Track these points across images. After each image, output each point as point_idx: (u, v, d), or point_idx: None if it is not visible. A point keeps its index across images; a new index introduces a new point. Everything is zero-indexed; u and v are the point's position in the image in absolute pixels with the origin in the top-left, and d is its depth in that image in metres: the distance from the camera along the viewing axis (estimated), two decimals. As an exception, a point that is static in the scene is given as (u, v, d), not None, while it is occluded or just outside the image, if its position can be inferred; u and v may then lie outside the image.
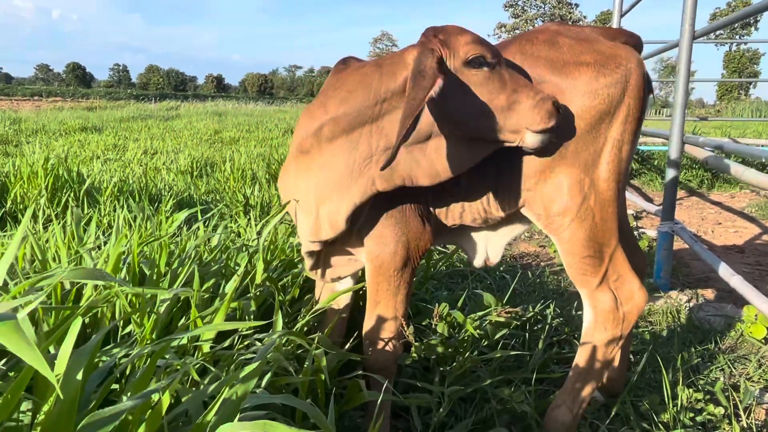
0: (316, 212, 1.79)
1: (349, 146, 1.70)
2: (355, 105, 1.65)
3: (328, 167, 1.73)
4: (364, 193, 1.71)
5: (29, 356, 0.76)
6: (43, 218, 3.83)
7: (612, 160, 1.76)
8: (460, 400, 2.10)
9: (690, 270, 4.38)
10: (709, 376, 2.57)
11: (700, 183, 8.65)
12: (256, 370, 1.10)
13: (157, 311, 1.63)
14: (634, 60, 1.75)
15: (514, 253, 4.82)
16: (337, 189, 1.73)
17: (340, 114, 1.68)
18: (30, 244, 2.17)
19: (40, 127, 15.25)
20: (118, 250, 1.85)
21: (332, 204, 1.75)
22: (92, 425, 0.83)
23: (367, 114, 1.65)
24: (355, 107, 1.65)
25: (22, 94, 60.34)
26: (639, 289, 1.89)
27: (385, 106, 1.63)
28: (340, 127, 1.69)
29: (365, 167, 1.69)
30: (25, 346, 0.77)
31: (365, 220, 1.85)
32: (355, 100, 1.65)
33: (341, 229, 1.77)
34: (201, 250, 2.42)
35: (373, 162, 1.69)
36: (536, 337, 2.57)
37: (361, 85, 1.66)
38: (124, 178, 5.73)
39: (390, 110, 1.64)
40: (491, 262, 2.10)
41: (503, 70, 1.61)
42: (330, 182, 1.74)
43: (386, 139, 1.66)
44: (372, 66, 1.69)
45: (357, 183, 1.71)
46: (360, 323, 2.05)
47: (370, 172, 1.69)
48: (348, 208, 1.73)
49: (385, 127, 1.65)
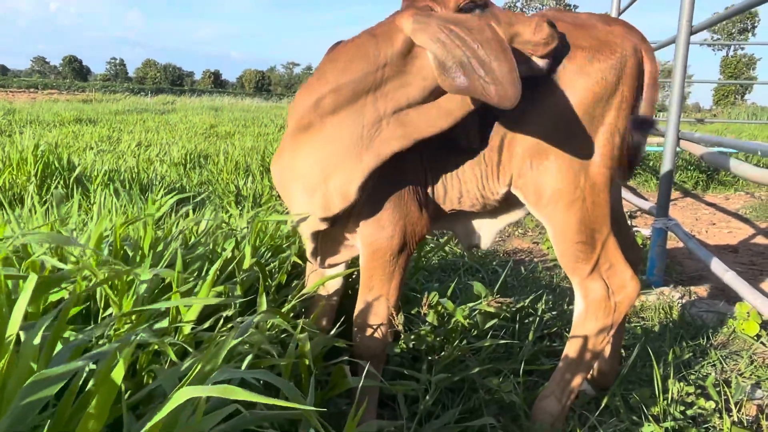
0: (325, 186, 1.75)
1: (355, 115, 1.67)
2: (355, 74, 1.63)
3: (334, 139, 1.70)
4: (378, 156, 1.68)
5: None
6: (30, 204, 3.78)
7: (605, 145, 1.74)
8: (447, 389, 2.07)
9: (683, 268, 4.36)
10: (701, 372, 2.55)
11: (695, 184, 8.66)
12: (228, 346, 1.06)
13: (137, 292, 1.59)
14: (630, 47, 1.74)
15: (508, 249, 4.79)
16: (346, 159, 1.70)
17: (341, 84, 1.66)
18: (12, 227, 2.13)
19: (35, 118, 15.15)
20: (100, 229, 1.80)
21: (342, 175, 1.71)
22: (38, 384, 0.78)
23: (369, 81, 1.63)
24: (357, 76, 1.63)
25: (18, 86, 60.01)
26: (631, 279, 1.87)
27: (387, 71, 1.63)
28: (343, 98, 1.66)
29: (375, 133, 1.67)
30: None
31: (363, 204, 1.81)
32: (355, 68, 1.64)
33: (353, 199, 1.73)
34: (187, 234, 2.38)
35: (383, 126, 1.66)
36: (527, 329, 2.54)
37: (359, 54, 1.64)
38: (116, 167, 5.68)
39: (392, 75, 1.63)
40: (482, 246, 2.08)
41: (494, 8, 1.63)
42: (338, 154, 1.70)
43: (394, 102, 1.65)
44: (365, 35, 1.67)
45: (368, 149, 1.68)
46: (349, 310, 2.01)
47: (382, 135, 1.67)
48: (362, 176, 1.70)
49: (390, 91, 1.64)
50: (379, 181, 1.78)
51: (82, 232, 2.10)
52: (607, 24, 1.77)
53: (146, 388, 1.12)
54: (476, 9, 1.59)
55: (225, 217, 3.48)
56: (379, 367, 1.91)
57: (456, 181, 1.88)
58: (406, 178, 1.83)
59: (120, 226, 1.80)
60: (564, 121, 1.71)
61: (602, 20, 1.79)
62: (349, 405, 1.94)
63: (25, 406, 0.76)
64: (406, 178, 1.83)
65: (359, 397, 1.80)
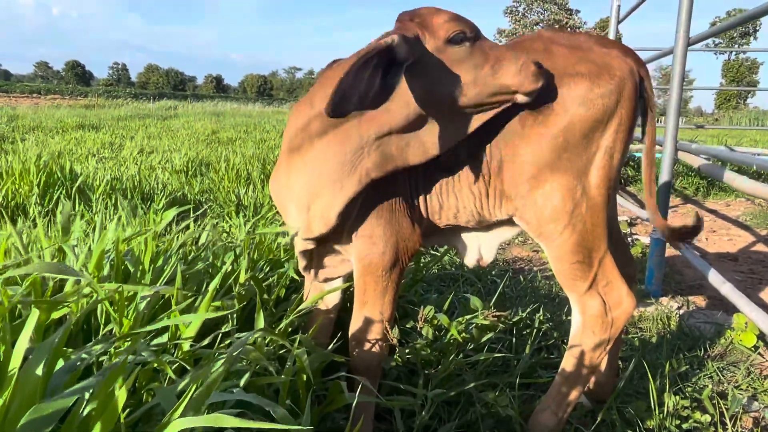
0: (308, 209, 1.78)
1: (339, 140, 1.68)
2: None
3: (320, 162, 1.72)
4: (358, 183, 1.70)
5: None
6: (32, 215, 3.82)
7: (603, 166, 1.76)
8: (444, 403, 2.08)
9: (682, 277, 4.37)
10: (697, 384, 2.56)
11: (695, 190, 8.66)
12: (226, 365, 1.08)
13: (137, 309, 1.61)
14: (627, 70, 1.75)
15: (507, 258, 4.81)
16: (329, 184, 1.72)
17: None
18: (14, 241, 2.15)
19: (37, 125, 15.21)
20: (102, 246, 1.83)
21: (324, 199, 1.74)
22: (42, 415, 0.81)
23: None
24: None
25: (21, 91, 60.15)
26: (627, 295, 1.89)
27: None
28: (329, 121, 1.67)
29: (358, 159, 1.68)
30: None
31: (355, 219, 1.83)
32: None
33: (333, 224, 1.76)
34: (187, 248, 2.40)
35: (365, 153, 1.68)
36: (524, 341, 2.55)
37: None
38: (118, 176, 5.71)
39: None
40: (484, 262, 2.09)
41: (484, 42, 1.63)
42: (322, 177, 1.72)
43: (376, 127, 1.65)
44: (355, 57, 1.69)
45: (350, 176, 1.69)
46: (347, 324, 2.03)
47: (364, 162, 1.68)
48: (341, 203, 1.72)
49: (374, 116, 1.64)
50: (371, 197, 1.80)
51: (85, 245, 2.13)
52: (604, 46, 1.78)
53: (144, 406, 1.14)
54: (466, 41, 1.59)
55: (225, 227, 3.50)
56: (375, 382, 1.93)
57: (453, 199, 1.89)
58: (397, 194, 1.84)
59: (121, 243, 1.82)
60: (562, 145, 1.72)
61: (599, 42, 1.80)
62: (347, 419, 1.96)
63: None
64: (398, 194, 1.84)
65: (356, 412, 1.82)
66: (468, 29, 1.59)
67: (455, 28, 1.57)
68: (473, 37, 1.60)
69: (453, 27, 1.58)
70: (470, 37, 1.60)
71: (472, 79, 1.60)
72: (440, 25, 1.58)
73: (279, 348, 1.82)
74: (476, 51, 1.60)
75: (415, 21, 1.61)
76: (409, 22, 1.61)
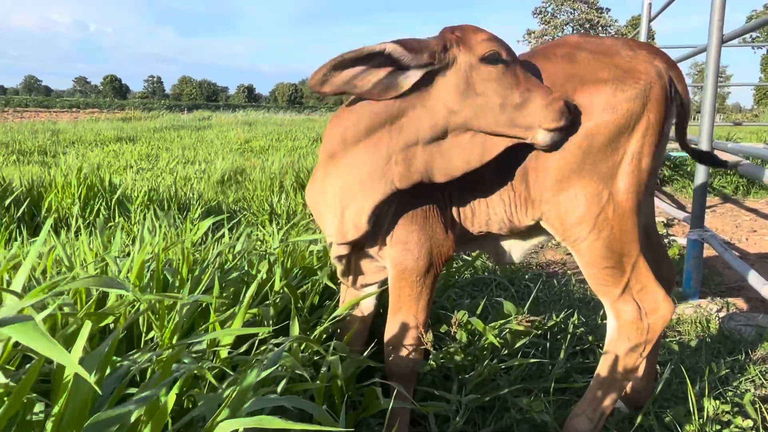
0: (341, 214, 1.82)
1: (371, 148, 1.72)
2: (374, 105, 1.67)
3: (353, 170, 1.76)
4: (383, 192, 1.74)
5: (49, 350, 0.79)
6: (75, 227, 3.95)
7: (631, 171, 1.75)
8: (478, 408, 2.09)
9: (722, 279, 4.27)
10: (738, 388, 2.50)
11: (735, 189, 8.44)
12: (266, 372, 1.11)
13: (178, 317, 1.66)
14: (654, 73, 1.74)
15: (540, 261, 4.77)
16: (360, 190, 1.76)
17: (361, 115, 1.71)
18: (58, 253, 2.24)
19: (77, 138, 15.70)
20: (142, 257, 1.89)
21: (356, 205, 1.78)
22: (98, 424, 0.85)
23: (386, 114, 1.67)
24: (375, 108, 1.67)
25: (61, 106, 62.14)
26: (664, 300, 1.86)
27: (402, 104, 1.66)
28: (362, 129, 1.71)
29: (386, 167, 1.72)
30: (45, 342, 0.80)
31: (390, 226, 1.87)
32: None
33: (364, 229, 1.79)
34: (224, 257, 2.46)
35: (392, 162, 1.71)
36: (558, 345, 2.54)
37: None
38: (155, 187, 5.86)
39: (407, 108, 1.66)
40: (513, 262, 2.12)
41: (517, 68, 1.65)
42: (354, 184, 1.76)
43: (404, 137, 1.68)
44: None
45: (378, 183, 1.73)
46: (380, 330, 2.05)
47: (391, 171, 1.72)
48: (369, 209, 1.76)
49: (404, 125, 1.67)
50: (405, 204, 1.83)
51: (126, 256, 2.20)
52: (631, 50, 1.77)
53: (189, 414, 1.19)
54: (500, 63, 1.61)
55: (259, 235, 3.57)
56: (410, 387, 1.95)
57: (484, 206, 1.91)
58: (431, 201, 1.87)
59: (162, 252, 1.89)
60: (586, 151, 1.72)
61: (626, 46, 1.79)
62: (382, 425, 1.98)
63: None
64: (432, 201, 1.88)
65: (391, 417, 1.84)
66: (504, 51, 1.62)
67: (491, 48, 1.60)
68: (508, 61, 1.62)
69: (490, 46, 1.61)
70: (505, 59, 1.62)
71: (500, 102, 1.62)
72: (478, 42, 1.62)
73: (314, 354, 1.85)
74: (508, 74, 1.62)
75: (455, 34, 1.65)
76: (450, 33, 1.65)
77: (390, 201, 1.78)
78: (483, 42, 1.61)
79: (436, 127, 1.66)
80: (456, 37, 1.63)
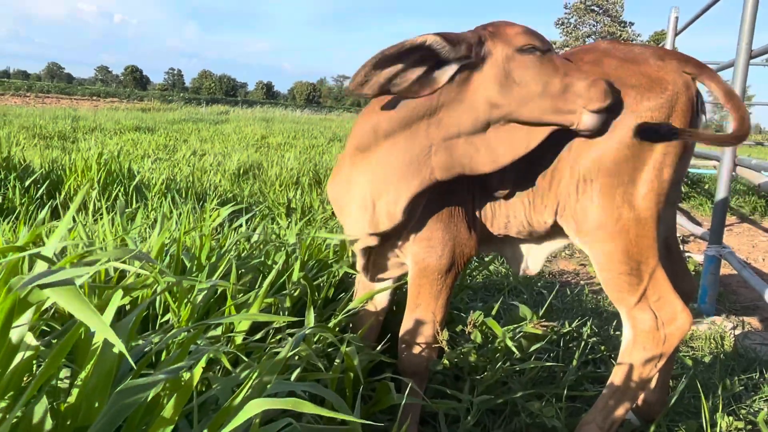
0: (373, 205, 1.82)
1: (408, 140, 1.72)
2: (410, 100, 1.68)
3: (386, 161, 1.76)
4: (421, 183, 1.74)
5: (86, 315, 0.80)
6: (92, 210, 3.98)
7: (652, 180, 1.74)
8: (489, 410, 2.08)
9: (737, 297, 4.23)
10: (752, 406, 2.47)
11: (752, 209, 8.36)
12: (283, 359, 1.12)
13: (194, 301, 1.67)
14: (681, 83, 1.72)
15: (554, 270, 4.74)
16: (395, 182, 1.76)
17: (396, 110, 1.71)
18: (78, 232, 2.26)
19: (97, 125, 15.85)
20: (162, 239, 1.90)
21: (390, 196, 1.78)
22: (125, 392, 0.86)
23: (424, 107, 1.67)
24: (411, 102, 1.68)
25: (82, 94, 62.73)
26: (682, 311, 1.84)
27: (440, 98, 1.66)
28: (398, 122, 1.72)
29: (424, 159, 1.72)
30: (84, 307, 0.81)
31: (415, 223, 1.87)
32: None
33: (398, 220, 1.79)
34: (241, 246, 2.47)
35: (432, 153, 1.71)
36: (571, 353, 2.52)
37: None
38: (173, 176, 5.90)
39: (446, 102, 1.67)
40: (530, 272, 2.10)
41: (554, 56, 1.66)
42: (388, 175, 1.77)
43: (444, 129, 1.69)
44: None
45: (416, 174, 1.73)
46: (393, 326, 2.05)
47: (429, 162, 1.72)
48: (406, 199, 1.76)
49: (443, 118, 1.68)
50: (431, 202, 1.83)
51: (144, 240, 2.22)
52: (661, 59, 1.76)
53: (203, 395, 1.19)
54: (536, 51, 1.62)
55: (276, 228, 3.58)
56: (422, 384, 1.95)
57: (504, 207, 1.91)
58: (457, 199, 1.88)
59: (182, 235, 1.90)
60: (608, 157, 1.71)
61: (655, 54, 1.77)
62: (391, 421, 1.98)
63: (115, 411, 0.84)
64: (457, 199, 1.88)
65: (402, 414, 1.84)
66: (539, 42, 1.63)
67: (527, 40, 1.62)
68: (545, 50, 1.63)
69: (525, 39, 1.62)
70: (541, 49, 1.63)
71: (540, 89, 1.62)
72: (513, 35, 1.63)
73: (328, 346, 1.86)
74: (546, 62, 1.62)
75: (488, 30, 1.66)
76: (482, 30, 1.67)
77: (425, 194, 1.77)
78: (518, 35, 1.63)
79: (477, 120, 1.66)
80: (489, 31, 1.65)
